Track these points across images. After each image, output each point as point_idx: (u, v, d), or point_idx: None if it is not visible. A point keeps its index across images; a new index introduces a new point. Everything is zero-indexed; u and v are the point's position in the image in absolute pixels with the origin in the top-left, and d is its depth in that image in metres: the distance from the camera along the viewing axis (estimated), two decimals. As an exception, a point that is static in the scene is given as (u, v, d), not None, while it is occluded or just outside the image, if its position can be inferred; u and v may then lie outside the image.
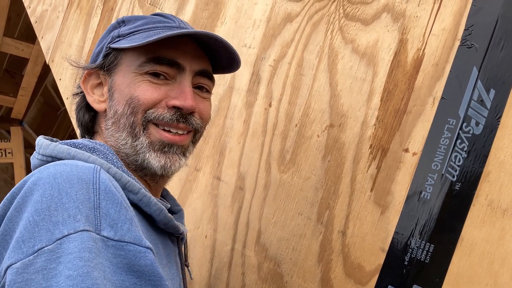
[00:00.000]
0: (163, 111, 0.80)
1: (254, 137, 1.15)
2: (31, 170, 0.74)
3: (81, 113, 0.88)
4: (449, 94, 0.86)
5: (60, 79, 1.84)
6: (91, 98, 0.86)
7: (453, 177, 0.82)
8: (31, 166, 0.79)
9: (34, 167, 0.76)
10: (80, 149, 0.76)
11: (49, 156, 0.75)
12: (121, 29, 0.84)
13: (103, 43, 0.86)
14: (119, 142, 0.81)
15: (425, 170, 0.86)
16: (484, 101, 0.82)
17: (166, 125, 0.81)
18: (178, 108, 0.80)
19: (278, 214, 1.06)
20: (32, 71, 3.97)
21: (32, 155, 0.80)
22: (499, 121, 0.79)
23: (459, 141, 0.83)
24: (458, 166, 0.82)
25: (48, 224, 0.60)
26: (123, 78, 0.82)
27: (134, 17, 0.87)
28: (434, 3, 0.91)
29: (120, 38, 0.83)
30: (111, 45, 0.83)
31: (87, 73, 0.86)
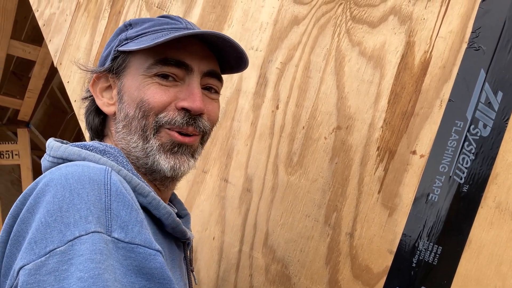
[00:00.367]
0: (173, 114, 0.80)
1: (261, 139, 1.15)
2: (37, 172, 0.75)
3: (91, 117, 0.89)
4: (456, 96, 0.86)
5: (68, 82, 1.86)
6: (100, 101, 0.87)
7: (461, 179, 0.83)
8: (42, 169, 0.79)
9: (45, 169, 0.77)
10: (91, 151, 0.76)
11: (60, 158, 0.76)
12: (129, 32, 0.85)
13: (111, 47, 0.86)
14: (130, 144, 0.82)
15: (432, 172, 0.86)
16: (492, 103, 0.82)
17: (177, 129, 0.81)
18: (187, 110, 0.81)
19: (285, 216, 1.06)
20: (38, 74, 4.00)
21: (42, 158, 0.81)
22: (507, 123, 0.80)
23: (466, 143, 0.83)
24: (466, 168, 0.82)
25: (60, 225, 0.60)
26: (132, 81, 0.82)
27: (141, 20, 0.87)
28: (441, 6, 0.91)
29: (128, 41, 0.84)
30: (119, 48, 0.84)
31: (96, 77, 0.87)
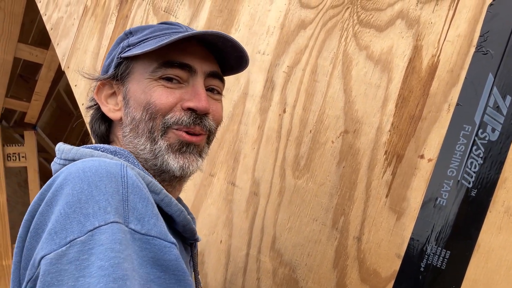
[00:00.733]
0: (180, 114, 0.82)
1: (269, 143, 1.16)
2: (44, 174, 0.75)
3: (97, 124, 0.90)
4: (464, 100, 0.86)
5: (75, 85, 1.87)
6: (106, 107, 0.88)
7: (469, 183, 0.82)
8: (52, 172, 0.80)
9: (55, 172, 0.78)
10: (102, 152, 0.77)
11: (71, 160, 0.76)
12: (130, 39, 0.87)
13: (113, 55, 0.88)
14: (138, 147, 0.83)
15: (440, 176, 0.86)
16: (500, 108, 0.82)
17: (185, 128, 0.82)
18: (193, 110, 0.82)
19: (293, 220, 1.06)
20: (45, 76, 4.02)
21: (53, 162, 0.81)
22: (516, 127, 0.79)
23: (475, 147, 0.83)
24: (474, 172, 0.82)
25: (79, 216, 0.61)
26: (138, 85, 0.84)
27: (141, 27, 0.89)
28: (449, 10, 0.91)
29: (131, 47, 0.85)
30: (122, 54, 0.85)
31: (101, 84, 0.89)
